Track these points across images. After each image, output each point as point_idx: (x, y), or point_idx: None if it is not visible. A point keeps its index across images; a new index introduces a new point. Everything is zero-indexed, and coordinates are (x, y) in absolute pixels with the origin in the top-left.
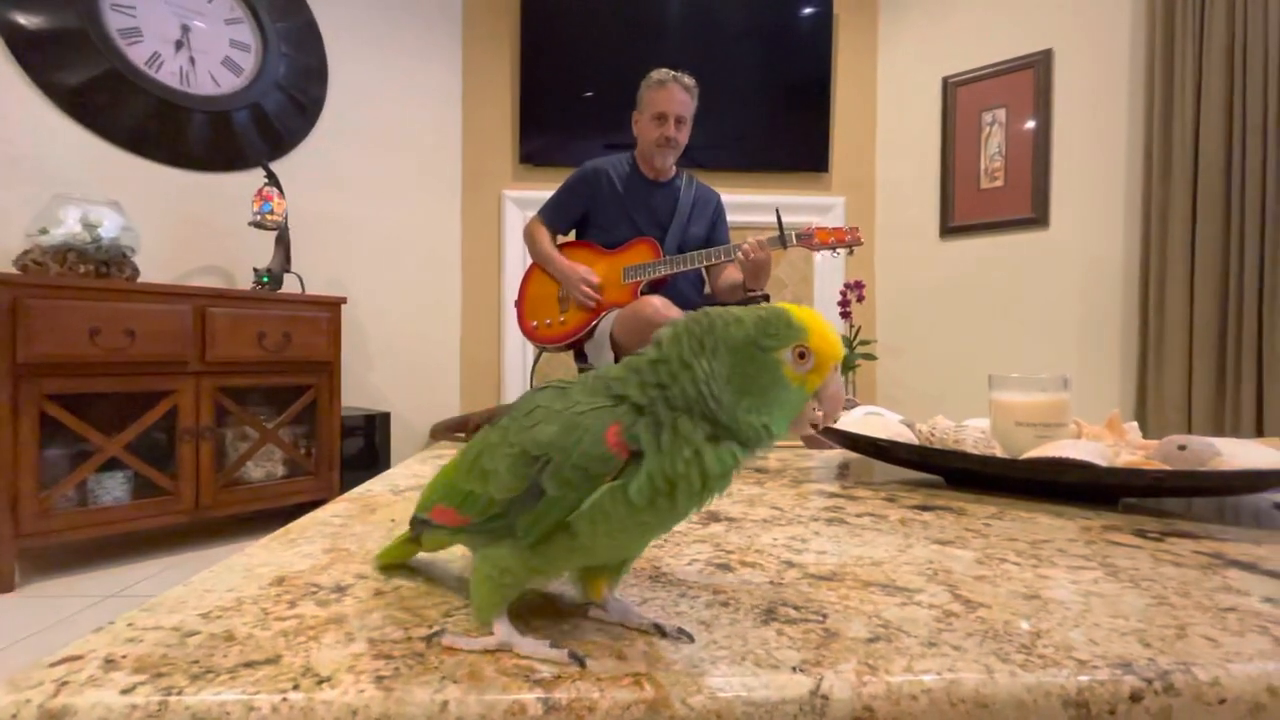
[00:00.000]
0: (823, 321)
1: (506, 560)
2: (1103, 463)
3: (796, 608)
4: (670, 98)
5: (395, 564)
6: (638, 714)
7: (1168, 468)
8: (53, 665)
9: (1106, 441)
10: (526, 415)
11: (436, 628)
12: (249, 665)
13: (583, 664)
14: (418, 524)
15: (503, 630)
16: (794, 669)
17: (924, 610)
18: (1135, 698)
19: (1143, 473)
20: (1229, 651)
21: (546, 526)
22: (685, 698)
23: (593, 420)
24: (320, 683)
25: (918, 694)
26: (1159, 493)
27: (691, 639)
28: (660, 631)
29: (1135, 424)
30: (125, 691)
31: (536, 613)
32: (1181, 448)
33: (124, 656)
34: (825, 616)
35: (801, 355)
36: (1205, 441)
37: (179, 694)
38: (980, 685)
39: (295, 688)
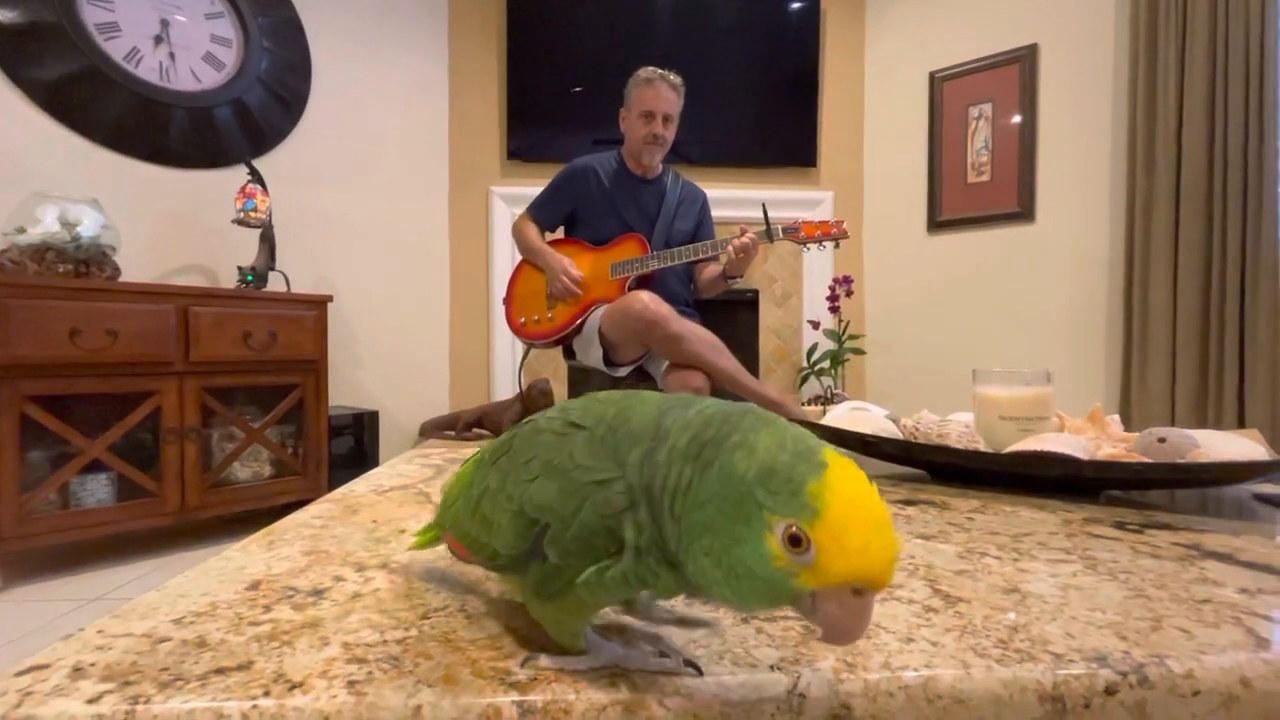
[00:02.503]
0: (860, 519)
1: (535, 610)
2: (1084, 456)
3: None
4: (657, 96)
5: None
6: (614, 715)
7: (1147, 460)
8: (18, 674)
9: (1088, 435)
10: (525, 465)
11: (531, 653)
12: (220, 672)
13: (700, 671)
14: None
15: (599, 647)
16: (772, 667)
17: (904, 606)
18: (1110, 691)
19: (1123, 465)
20: (1203, 643)
21: (556, 588)
22: (662, 698)
23: (593, 490)
24: (292, 689)
25: (895, 690)
26: (1139, 485)
27: (700, 673)
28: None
29: (1117, 417)
30: (91, 701)
31: (628, 624)
32: (1161, 440)
33: (92, 665)
34: None
35: (795, 541)
36: (1184, 434)
37: (146, 703)
38: (957, 681)
39: (266, 694)
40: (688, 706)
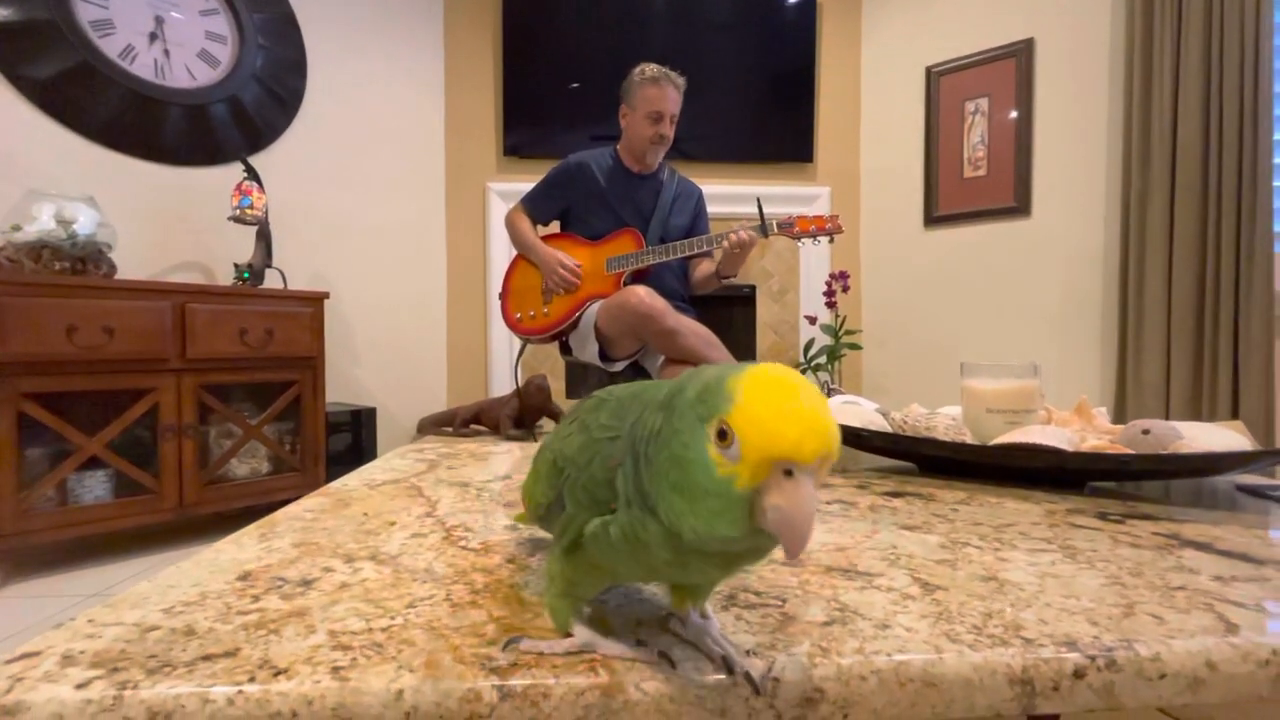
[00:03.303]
0: (771, 397)
1: (554, 566)
2: (1069, 448)
3: (757, 593)
4: (664, 97)
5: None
6: (592, 699)
7: (1130, 452)
8: (9, 662)
9: (1074, 427)
10: (568, 424)
11: (512, 635)
12: (207, 659)
13: (673, 664)
14: None
15: (582, 633)
16: (748, 652)
17: (882, 594)
18: (1078, 674)
19: (1105, 457)
20: (1173, 628)
21: (569, 539)
22: (639, 682)
23: (605, 446)
24: (277, 674)
25: (867, 675)
26: (1121, 476)
27: (758, 692)
28: (727, 668)
29: (1104, 409)
30: (80, 686)
31: (616, 614)
32: (1145, 432)
33: (82, 652)
34: (784, 601)
35: (721, 435)
36: (1168, 426)
37: (134, 688)
38: (928, 665)
39: (251, 680)
40: (663, 690)
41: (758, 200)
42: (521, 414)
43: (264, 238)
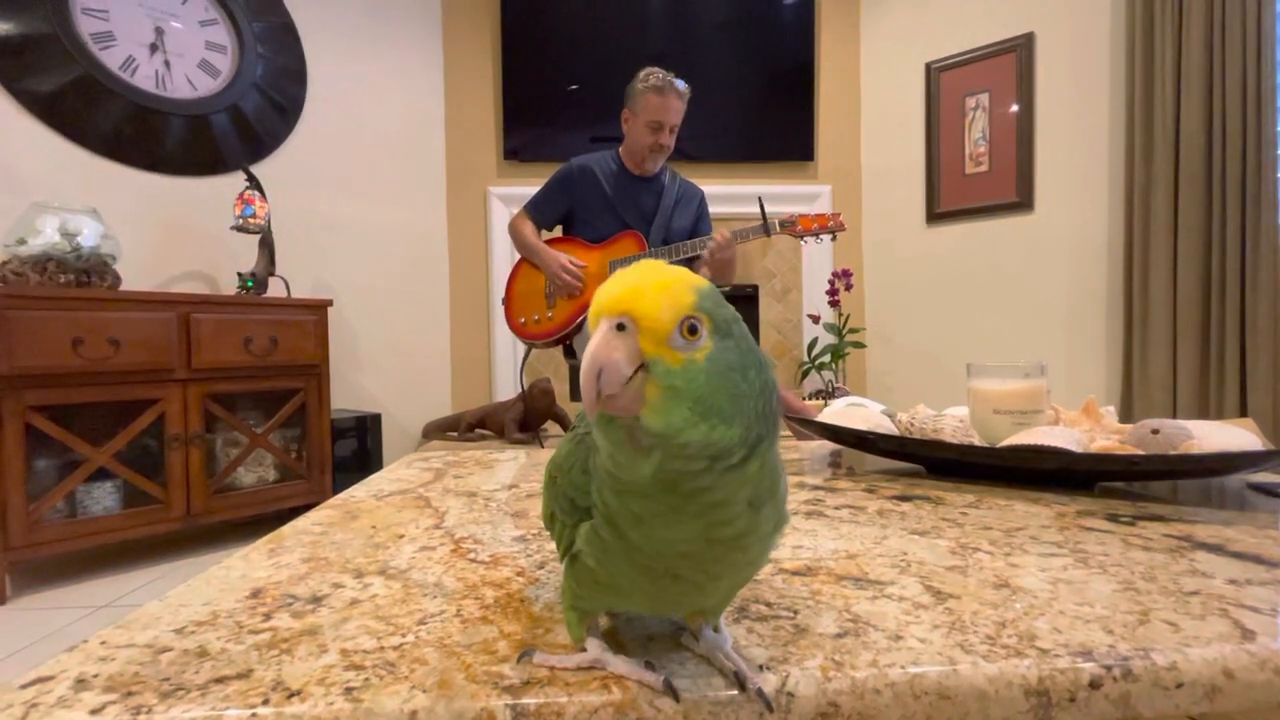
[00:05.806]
0: (615, 277)
1: (564, 578)
2: (1077, 449)
3: (769, 604)
4: (667, 107)
5: None
6: (606, 717)
7: (1140, 452)
8: (24, 687)
9: (1083, 427)
10: (569, 432)
11: (525, 649)
12: (220, 681)
13: (677, 697)
14: None
15: (594, 648)
16: (761, 667)
17: (894, 603)
18: (1095, 685)
19: (1115, 458)
20: (1188, 636)
21: (564, 548)
22: (652, 699)
23: (586, 443)
24: (290, 696)
25: (881, 688)
26: (1131, 477)
27: (771, 708)
28: (739, 684)
29: (1112, 408)
30: (94, 712)
31: (627, 628)
32: (1155, 432)
33: (95, 676)
34: (796, 612)
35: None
36: (1178, 425)
37: (148, 713)
38: (943, 678)
39: (265, 702)
40: (677, 708)
41: (759, 200)
42: (526, 418)
43: (267, 246)
